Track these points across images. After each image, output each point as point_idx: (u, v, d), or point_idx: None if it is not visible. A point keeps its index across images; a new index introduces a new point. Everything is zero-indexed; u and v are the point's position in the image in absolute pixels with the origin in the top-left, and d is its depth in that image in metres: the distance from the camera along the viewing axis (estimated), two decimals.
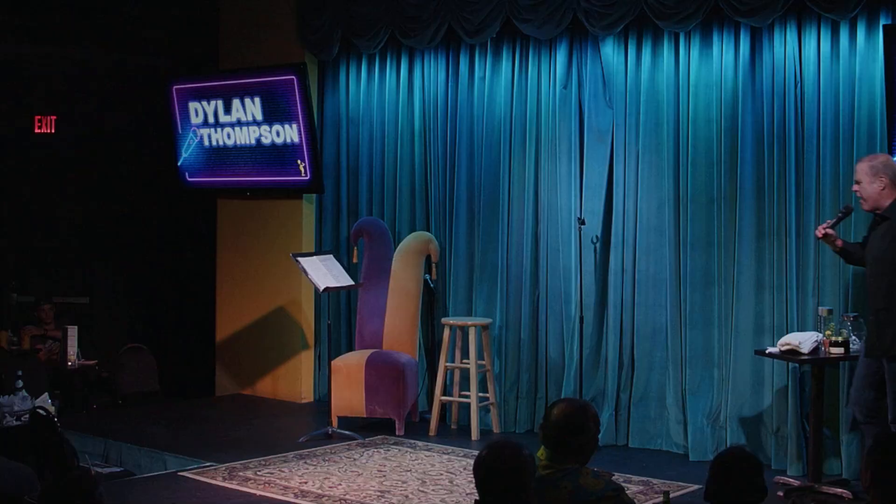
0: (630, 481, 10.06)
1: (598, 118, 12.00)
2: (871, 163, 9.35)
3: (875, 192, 9.29)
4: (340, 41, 13.47)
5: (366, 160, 13.76)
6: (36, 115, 15.86)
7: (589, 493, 6.07)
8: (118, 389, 14.03)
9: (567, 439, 6.13)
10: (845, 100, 10.54)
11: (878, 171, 9.27)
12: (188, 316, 15.32)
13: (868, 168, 9.32)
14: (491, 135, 12.68)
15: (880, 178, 9.26)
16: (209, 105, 14.21)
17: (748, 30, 11.01)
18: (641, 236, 11.74)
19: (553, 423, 6.17)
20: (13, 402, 10.17)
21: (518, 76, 12.53)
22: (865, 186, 9.31)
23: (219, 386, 14.77)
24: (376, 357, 12.52)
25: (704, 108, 11.32)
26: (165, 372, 14.64)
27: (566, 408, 6.20)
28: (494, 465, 5.41)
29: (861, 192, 9.38)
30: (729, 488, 5.37)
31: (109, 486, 10.04)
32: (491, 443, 5.59)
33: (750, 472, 5.40)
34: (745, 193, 11.07)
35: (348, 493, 9.86)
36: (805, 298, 10.77)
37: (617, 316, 11.85)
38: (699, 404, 11.34)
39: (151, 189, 15.37)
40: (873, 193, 9.29)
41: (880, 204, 9.30)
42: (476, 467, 5.47)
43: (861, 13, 10.31)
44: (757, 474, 5.42)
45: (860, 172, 9.37)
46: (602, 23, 11.44)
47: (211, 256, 14.99)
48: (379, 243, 13.16)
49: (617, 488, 6.26)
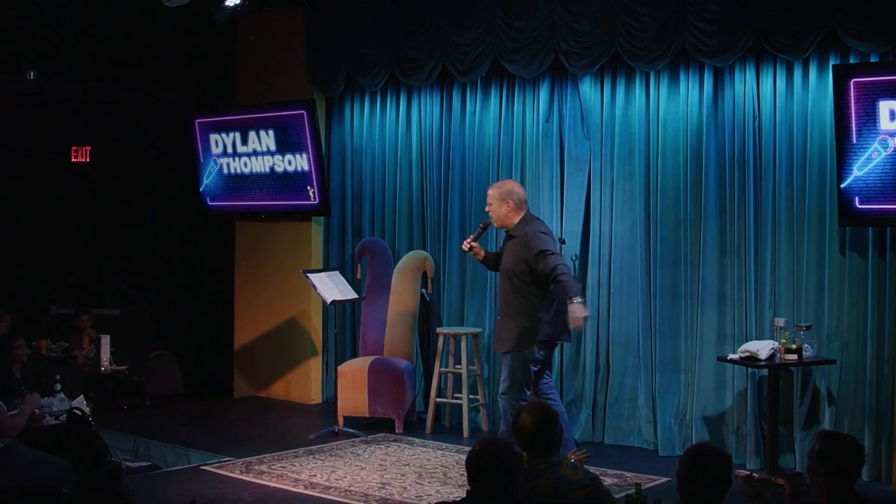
0: (605, 474, 10.00)
1: (577, 149, 11.99)
2: (499, 190, 10.04)
3: (503, 214, 9.93)
4: (345, 80, 13.47)
5: (368, 186, 13.75)
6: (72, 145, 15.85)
7: (569, 482, 6.11)
8: (146, 392, 14.00)
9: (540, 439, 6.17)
10: (799, 132, 10.57)
11: (505, 197, 9.93)
12: (209, 325, 15.29)
13: (497, 194, 9.99)
14: (481, 163, 12.69)
15: (507, 202, 9.92)
16: (228, 137, 14.20)
17: (711, 69, 11.03)
18: (616, 254, 11.74)
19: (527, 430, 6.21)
20: (52, 403, 10.16)
21: (505, 111, 12.55)
22: (495, 209, 9.98)
23: (237, 388, 14.74)
24: (378, 363, 12.50)
25: (672, 140, 11.33)
26: (188, 376, 14.61)
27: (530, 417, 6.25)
28: (485, 460, 5.40)
29: (492, 213, 10.02)
30: (701, 480, 5.37)
31: (138, 479, 10.04)
32: (482, 440, 5.57)
33: (720, 465, 5.41)
34: (708, 216, 11.08)
35: (353, 485, 9.84)
36: (762, 310, 10.78)
37: (594, 326, 11.82)
38: (667, 405, 11.34)
39: (176, 212, 15.35)
40: (501, 215, 9.95)
41: (508, 223, 9.96)
42: (468, 462, 5.46)
43: (813, 54, 10.35)
44: (726, 468, 5.43)
45: (491, 197, 10.05)
46: (580, 63, 11.45)
47: (229, 272, 14.96)
48: (380, 261, 13.16)
49: (593, 478, 6.30)
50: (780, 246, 10.71)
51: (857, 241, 10.28)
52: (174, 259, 15.83)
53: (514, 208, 9.91)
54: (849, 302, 10.35)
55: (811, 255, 10.52)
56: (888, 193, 9.60)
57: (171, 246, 15.79)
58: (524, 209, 10.02)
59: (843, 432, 5.79)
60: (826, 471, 5.59)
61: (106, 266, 16.06)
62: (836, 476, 5.59)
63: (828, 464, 5.59)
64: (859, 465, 5.72)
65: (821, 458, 5.62)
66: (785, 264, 10.67)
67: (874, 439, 10.14)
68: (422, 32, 12.59)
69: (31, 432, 9.19)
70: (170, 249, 15.81)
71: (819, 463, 5.62)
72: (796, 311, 10.54)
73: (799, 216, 10.58)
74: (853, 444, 5.73)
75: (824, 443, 5.70)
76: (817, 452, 5.65)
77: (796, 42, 10.17)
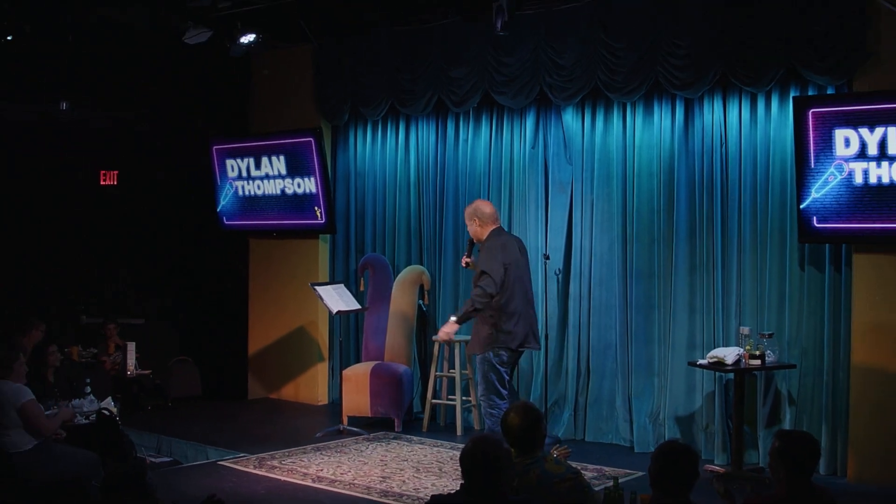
0: (586, 469, 10.00)
1: (560, 173, 12.00)
2: (469, 209, 10.63)
3: (474, 230, 10.49)
4: (350, 110, 13.46)
5: (370, 206, 13.73)
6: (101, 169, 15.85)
7: (553, 475, 6.10)
8: (168, 393, 13.96)
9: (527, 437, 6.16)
10: (762, 158, 10.59)
11: (472, 215, 10.53)
12: (225, 333, 15.26)
13: (467, 213, 10.62)
14: (473, 186, 12.67)
15: (474, 219, 10.50)
16: (243, 162, 14.19)
17: (682, 101, 11.04)
18: (595, 269, 11.74)
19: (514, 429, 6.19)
20: (83, 404, 10.13)
21: (495, 138, 12.55)
22: (468, 226, 10.57)
23: (251, 391, 14.70)
24: (379, 368, 12.48)
25: (647, 165, 11.33)
26: (206, 379, 14.56)
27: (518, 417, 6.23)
28: (477, 456, 5.39)
29: (469, 230, 10.57)
30: (671, 474, 5.36)
31: (161, 473, 10.06)
32: (474, 438, 5.55)
33: (689, 461, 5.40)
34: (679, 234, 11.08)
35: (356, 479, 9.83)
36: (729, 320, 10.78)
37: (576, 334, 11.84)
38: (642, 406, 11.33)
39: (195, 230, 15.32)
40: (473, 230, 10.51)
41: (480, 237, 10.48)
42: (462, 458, 5.45)
43: (775, 87, 10.38)
44: (694, 463, 5.42)
45: (465, 217, 10.69)
46: (563, 95, 11.46)
47: (244, 285, 14.94)
48: (381, 275, 13.14)
49: (575, 472, 6.29)
50: (744, 261, 10.72)
51: (815, 257, 10.30)
52: (194, 273, 15.80)
53: (481, 224, 10.40)
54: (807, 312, 10.38)
55: (773, 270, 10.54)
56: (843, 214, 9.61)
57: (190, 261, 15.76)
58: (493, 224, 10.44)
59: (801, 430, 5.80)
60: (785, 466, 5.61)
61: (131, 279, 16.05)
62: (795, 470, 5.60)
63: (786, 460, 5.61)
64: (815, 460, 5.73)
65: (780, 454, 5.64)
66: (749, 278, 10.69)
67: (831, 437, 10.14)
68: (419, 67, 12.59)
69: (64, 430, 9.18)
70: (189, 264, 15.78)
71: (778, 459, 5.64)
72: (759, 320, 10.54)
73: (762, 234, 10.59)
74: (809, 441, 5.74)
75: (783, 441, 5.72)
76: (777, 450, 5.67)
77: (759, 76, 10.20)
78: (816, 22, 9.75)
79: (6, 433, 8.53)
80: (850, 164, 9.55)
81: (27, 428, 8.59)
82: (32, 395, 8.72)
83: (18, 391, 8.61)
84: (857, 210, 9.55)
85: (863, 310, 9.88)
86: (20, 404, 8.54)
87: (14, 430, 8.54)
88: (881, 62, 9.62)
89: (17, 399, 8.56)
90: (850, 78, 9.82)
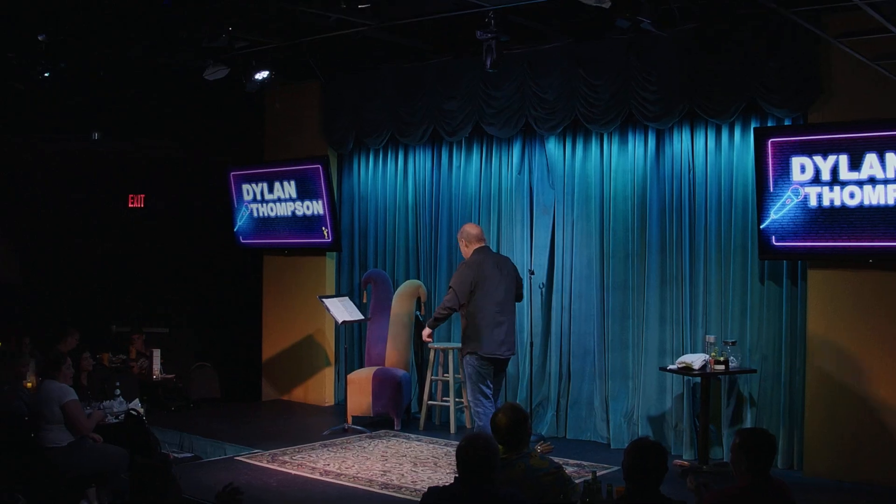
0: (567, 463, 10.01)
1: (544, 196, 12.01)
2: (459, 232, 10.73)
3: (463, 249, 10.59)
4: (354, 139, 13.47)
5: (372, 226, 13.73)
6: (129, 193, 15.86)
7: (537, 470, 6.12)
8: (189, 395, 13.94)
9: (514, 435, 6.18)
10: (725, 182, 10.62)
11: (461, 237, 10.66)
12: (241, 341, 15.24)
13: (458, 235, 10.71)
14: (464, 208, 12.69)
15: (462, 240, 10.61)
16: (257, 186, 14.20)
17: (654, 131, 11.08)
18: (575, 283, 11.74)
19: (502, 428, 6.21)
20: (113, 405, 10.13)
21: (485, 165, 12.56)
22: (460, 246, 10.67)
23: (264, 393, 14.67)
24: (380, 372, 12.48)
25: (622, 189, 11.35)
26: (224, 382, 14.55)
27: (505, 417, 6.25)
28: (470, 453, 5.43)
29: (461, 249, 10.67)
30: (642, 468, 5.39)
31: (183, 468, 10.02)
32: (467, 436, 5.59)
33: (658, 456, 5.42)
34: (651, 251, 11.10)
35: (360, 472, 9.83)
36: (696, 329, 10.80)
37: (557, 341, 11.84)
38: (618, 407, 11.33)
39: (215, 248, 15.33)
40: (463, 250, 10.59)
41: (466, 255, 10.53)
42: (457, 454, 5.49)
43: (737, 119, 10.43)
44: (663, 458, 5.44)
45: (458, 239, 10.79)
46: (546, 125, 11.49)
47: (258, 298, 14.91)
48: (382, 288, 13.15)
49: (557, 466, 6.30)
50: (710, 276, 10.74)
51: (774, 272, 10.33)
52: (213, 286, 15.80)
53: (467, 244, 10.54)
54: (767, 322, 10.40)
55: (736, 284, 10.56)
56: (799, 233, 9.66)
57: (210, 276, 15.76)
58: (477, 243, 10.52)
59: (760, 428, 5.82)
60: (746, 460, 5.63)
61: (156, 292, 16.04)
62: (754, 465, 5.63)
63: (747, 454, 5.63)
64: (773, 455, 5.75)
65: (741, 449, 5.67)
66: (714, 291, 10.71)
67: (788, 434, 10.17)
68: (416, 101, 12.61)
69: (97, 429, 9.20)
70: (209, 279, 15.78)
71: (740, 454, 5.66)
72: (724, 329, 10.55)
73: (726, 251, 10.63)
74: (767, 438, 5.77)
75: (743, 437, 5.74)
76: (738, 446, 5.70)
77: (723, 109, 10.25)
78: (775, 61, 9.81)
79: (48, 428, 8.56)
80: (806, 188, 9.60)
81: (68, 425, 8.61)
82: (76, 395, 8.77)
83: (63, 390, 8.64)
84: (812, 230, 9.60)
85: (817, 320, 9.91)
86: (64, 402, 8.57)
87: (55, 426, 8.57)
88: (833, 96, 9.68)
89: (62, 397, 8.59)
90: (806, 111, 9.88)
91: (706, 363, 9.86)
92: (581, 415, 11.69)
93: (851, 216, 9.40)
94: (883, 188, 9.22)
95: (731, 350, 10.00)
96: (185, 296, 15.94)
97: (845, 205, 9.41)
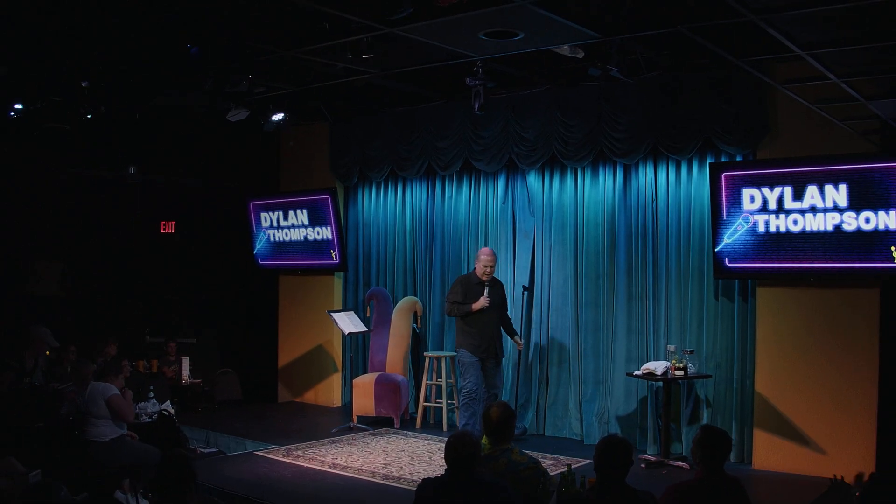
0: (545, 457, 10.03)
1: (525, 223, 12.03)
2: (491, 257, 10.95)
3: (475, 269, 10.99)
4: (358, 173, 13.49)
5: (374, 250, 13.74)
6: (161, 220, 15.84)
7: (518, 464, 6.11)
8: (214, 398, 13.90)
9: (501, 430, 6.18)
10: (684, 211, 10.65)
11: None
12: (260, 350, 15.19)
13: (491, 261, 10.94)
14: (455, 233, 12.71)
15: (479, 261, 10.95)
16: (273, 214, 14.20)
17: (622, 166, 11.11)
18: (553, 299, 11.74)
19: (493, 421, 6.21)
20: (146, 406, 10.12)
21: (473, 195, 12.58)
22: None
23: (280, 395, 14.63)
24: (382, 377, 12.47)
25: (594, 216, 11.38)
26: (245, 386, 14.51)
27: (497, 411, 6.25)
28: (457, 447, 5.46)
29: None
30: (611, 462, 5.38)
31: (209, 461, 10.06)
32: (454, 435, 5.61)
33: (624, 451, 5.42)
34: (619, 271, 11.12)
35: (364, 465, 9.82)
36: (658, 339, 10.80)
37: (537, 351, 11.83)
38: (591, 408, 11.32)
39: (236, 269, 15.31)
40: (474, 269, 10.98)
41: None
42: (446, 449, 5.52)
43: (695, 155, 10.48)
44: (629, 453, 5.43)
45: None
46: (527, 161, 11.52)
47: (275, 312, 14.90)
48: (383, 304, 13.15)
49: (535, 461, 6.29)
50: (671, 293, 10.76)
51: (727, 290, 10.35)
52: (235, 302, 15.77)
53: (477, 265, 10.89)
54: (721, 333, 10.41)
55: (693, 300, 10.58)
56: (749, 255, 9.68)
57: (232, 293, 15.72)
58: (476, 265, 10.99)
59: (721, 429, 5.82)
60: (703, 454, 5.63)
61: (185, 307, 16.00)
62: (709, 460, 5.63)
63: (705, 449, 5.63)
64: (727, 450, 5.75)
65: (700, 444, 5.67)
66: (675, 306, 10.73)
67: (739, 432, 10.16)
68: (413, 140, 12.64)
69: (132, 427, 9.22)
70: (232, 295, 15.74)
71: (699, 448, 5.67)
72: (683, 339, 10.56)
73: (685, 272, 10.65)
74: (723, 435, 5.77)
75: (704, 433, 5.74)
76: (698, 440, 5.70)
77: (683, 147, 10.29)
78: (728, 104, 9.86)
79: (96, 423, 8.75)
80: (755, 216, 9.63)
81: (114, 416, 8.80)
82: (117, 390, 8.94)
83: (107, 388, 8.89)
84: (760, 253, 9.62)
85: (765, 331, 9.93)
86: (107, 396, 8.80)
87: (102, 421, 8.76)
88: (779, 135, 9.74)
89: (106, 393, 8.82)
90: (755, 148, 9.92)
91: (667, 369, 9.86)
92: (558, 414, 11.68)
93: (795, 240, 9.43)
94: (822, 216, 9.26)
95: (689, 358, 10.00)
96: (210, 310, 15.90)
97: (789, 230, 9.44)
